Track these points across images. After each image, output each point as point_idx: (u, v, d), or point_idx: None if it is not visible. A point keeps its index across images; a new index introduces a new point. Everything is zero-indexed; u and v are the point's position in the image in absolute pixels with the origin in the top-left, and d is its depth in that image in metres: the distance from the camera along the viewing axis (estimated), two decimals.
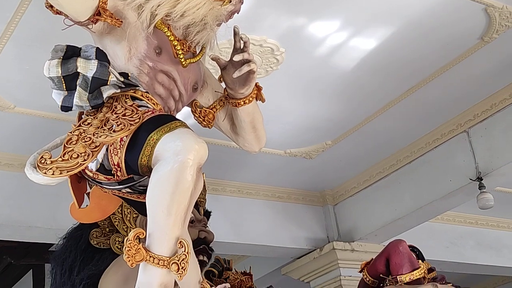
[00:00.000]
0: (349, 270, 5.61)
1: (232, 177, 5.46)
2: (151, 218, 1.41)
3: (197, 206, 2.44)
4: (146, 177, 1.47)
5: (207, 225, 2.45)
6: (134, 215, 2.24)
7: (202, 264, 2.24)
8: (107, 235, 2.28)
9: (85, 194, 1.73)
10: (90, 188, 1.72)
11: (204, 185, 2.51)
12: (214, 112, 1.98)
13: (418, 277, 1.70)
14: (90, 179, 1.60)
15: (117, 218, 2.28)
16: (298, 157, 5.28)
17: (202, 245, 2.29)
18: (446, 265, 6.12)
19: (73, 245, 2.29)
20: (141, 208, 1.52)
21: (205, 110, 1.98)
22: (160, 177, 1.40)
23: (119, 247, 2.18)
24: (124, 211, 2.28)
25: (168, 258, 1.38)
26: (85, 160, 1.48)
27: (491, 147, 4.77)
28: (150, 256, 1.38)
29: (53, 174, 1.46)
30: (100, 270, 2.15)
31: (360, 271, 1.83)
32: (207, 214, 2.50)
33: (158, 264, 1.37)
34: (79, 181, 1.61)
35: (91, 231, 2.28)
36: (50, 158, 1.47)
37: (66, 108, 1.59)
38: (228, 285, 2.06)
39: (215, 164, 4.96)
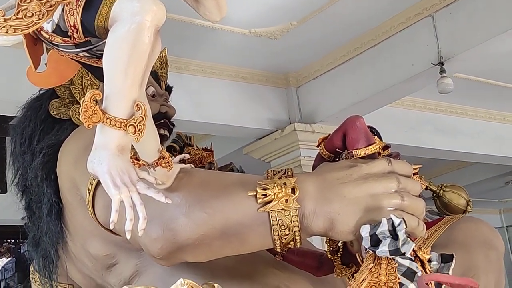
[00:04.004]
0: (309, 151, 5.74)
1: (195, 55, 5.43)
2: (108, 80, 1.40)
3: (158, 80, 2.42)
4: (104, 40, 1.44)
5: (169, 100, 2.45)
6: (95, 87, 2.23)
7: (163, 138, 2.24)
8: (67, 106, 2.27)
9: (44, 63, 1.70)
10: (47, 53, 1.69)
11: (166, 60, 2.48)
12: None
13: (373, 152, 1.72)
14: (46, 41, 1.57)
15: (77, 90, 2.26)
16: (263, 37, 5.24)
17: (163, 119, 2.30)
18: (404, 149, 6.29)
19: (33, 114, 2.27)
20: (100, 75, 1.50)
21: None
22: (117, 38, 1.37)
23: (79, 118, 2.16)
24: (85, 83, 2.26)
25: (125, 120, 1.37)
26: (39, 19, 1.44)
27: (455, 32, 4.80)
28: (107, 118, 1.37)
29: (6, 32, 1.42)
30: (60, 140, 2.14)
31: (318, 146, 1.86)
32: (169, 89, 2.49)
33: (115, 125, 1.37)
34: (35, 43, 1.58)
35: (51, 102, 2.26)
36: (3, 16, 1.43)
37: None
38: (187, 155, 2.08)
39: (179, 42, 4.91)
